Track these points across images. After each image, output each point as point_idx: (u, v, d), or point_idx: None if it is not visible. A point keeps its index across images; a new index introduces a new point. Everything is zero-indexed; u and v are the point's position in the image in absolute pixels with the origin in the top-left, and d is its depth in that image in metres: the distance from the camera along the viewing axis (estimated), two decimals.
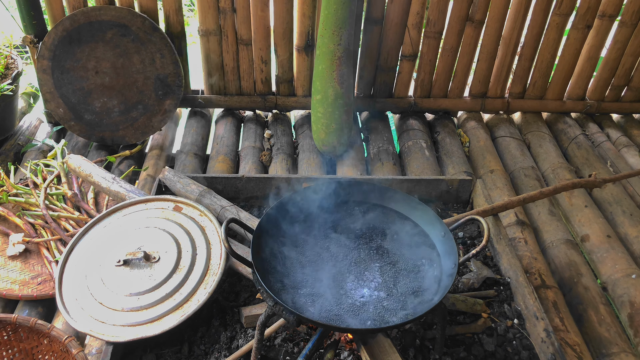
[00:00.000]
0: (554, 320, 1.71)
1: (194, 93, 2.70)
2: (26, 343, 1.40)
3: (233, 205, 1.73)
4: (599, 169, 2.46)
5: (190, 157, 2.45)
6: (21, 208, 1.96)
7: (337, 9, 2.12)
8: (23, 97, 2.74)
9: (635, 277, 1.88)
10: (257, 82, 2.65)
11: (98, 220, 1.67)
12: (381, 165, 2.44)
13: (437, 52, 2.61)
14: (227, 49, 2.53)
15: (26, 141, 2.48)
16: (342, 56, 2.21)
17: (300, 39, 2.50)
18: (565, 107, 2.85)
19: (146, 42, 2.34)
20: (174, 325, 1.39)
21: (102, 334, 1.38)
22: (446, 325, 1.37)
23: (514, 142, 2.64)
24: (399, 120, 2.81)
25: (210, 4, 2.40)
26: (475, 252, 1.31)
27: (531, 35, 2.59)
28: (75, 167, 2.00)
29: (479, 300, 1.53)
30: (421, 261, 1.38)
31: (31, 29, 2.42)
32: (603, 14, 2.55)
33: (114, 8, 2.29)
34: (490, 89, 2.77)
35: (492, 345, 1.46)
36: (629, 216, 2.18)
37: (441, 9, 2.46)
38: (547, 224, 2.12)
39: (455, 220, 1.68)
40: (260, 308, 1.50)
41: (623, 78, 2.77)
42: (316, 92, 2.32)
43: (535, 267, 1.89)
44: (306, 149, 2.53)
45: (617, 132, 2.77)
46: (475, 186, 1.91)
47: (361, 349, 1.26)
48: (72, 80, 2.34)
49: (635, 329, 1.73)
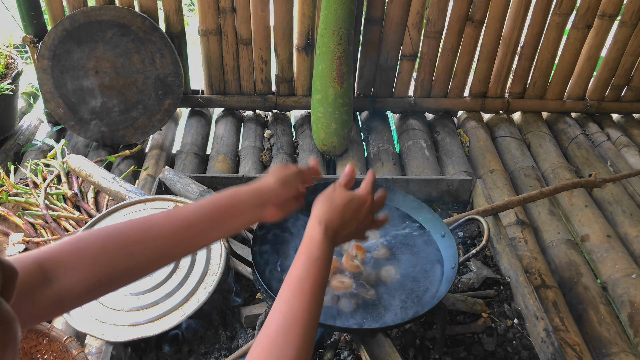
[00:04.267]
0: (554, 320, 1.71)
1: (194, 93, 2.70)
2: (25, 343, 1.40)
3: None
4: (599, 169, 2.46)
5: (190, 157, 2.45)
6: (21, 208, 1.96)
7: (337, 9, 2.12)
8: (23, 97, 2.74)
9: (635, 277, 1.88)
10: (257, 82, 2.65)
11: (98, 220, 1.66)
12: (381, 165, 2.44)
13: (437, 51, 2.60)
14: (227, 48, 2.53)
15: (26, 141, 2.48)
16: (342, 56, 2.20)
17: (300, 38, 2.50)
18: (565, 107, 2.85)
19: (146, 42, 2.34)
20: (174, 325, 1.39)
21: (102, 333, 1.38)
22: (446, 325, 1.37)
23: (514, 142, 2.63)
24: (399, 120, 2.81)
25: (210, 4, 2.40)
26: (475, 252, 1.31)
27: (531, 35, 2.59)
28: (75, 167, 2.00)
29: (479, 300, 1.53)
30: (421, 261, 1.38)
31: (31, 29, 2.42)
32: (603, 13, 2.55)
33: (114, 8, 2.29)
34: (490, 89, 2.77)
35: (492, 345, 1.46)
36: (629, 216, 2.18)
37: (441, 9, 2.46)
38: (547, 223, 2.12)
39: (455, 220, 1.68)
40: (260, 308, 1.50)
41: (623, 78, 2.77)
42: (316, 92, 2.32)
43: (535, 267, 1.89)
44: (306, 148, 2.53)
45: (617, 132, 2.77)
46: (475, 186, 1.91)
47: (361, 349, 1.26)
48: (72, 80, 2.34)
49: (635, 329, 1.73)
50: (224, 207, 0.97)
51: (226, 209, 0.97)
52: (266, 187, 1.01)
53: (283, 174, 1.04)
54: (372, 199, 1.04)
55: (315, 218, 0.97)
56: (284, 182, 1.03)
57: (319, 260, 0.90)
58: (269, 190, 1.01)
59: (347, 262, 1.31)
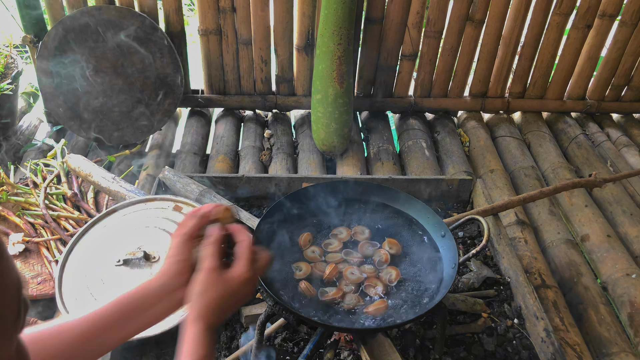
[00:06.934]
0: (554, 320, 1.70)
1: (194, 93, 2.70)
2: None
3: (233, 205, 1.72)
4: (599, 169, 2.46)
5: (190, 157, 2.45)
6: (21, 208, 1.96)
7: (337, 9, 2.12)
8: (23, 97, 2.74)
9: (635, 276, 1.88)
10: (257, 82, 2.65)
11: (98, 220, 1.66)
12: (381, 164, 2.44)
13: (437, 51, 2.60)
14: (227, 48, 2.52)
15: (26, 141, 2.48)
16: (342, 56, 2.20)
17: (300, 38, 2.50)
18: (565, 106, 2.85)
19: (146, 42, 2.34)
20: (174, 325, 1.39)
21: None
22: (446, 325, 1.37)
23: (514, 141, 2.63)
24: (399, 120, 2.81)
25: (210, 4, 2.40)
26: (475, 252, 1.31)
27: (531, 35, 2.59)
28: (75, 167, 2.00)
29: (479, 300, 1.53)
30: (421, 261, 1.38)
31: (31, 28, 2.42)
32: (603, 13, 2.55)
33: (114, 8, 2.29)
34: (490, 89, 2.77)
35: (492, 345, 1.46)
36: (629, 216, 2.18)
37: (441, 9, 2.46)
38: (547, 223, 2.12)
39: (455, 220, 1.68)
40: (260, 308, 1.50)
41: (623, 78, 2.77)
42: (316, 91, 2.32)
43: (535, 266, 1.89)
44: (306, 148, 2.53)
45: (617, 131, 2.77)
46: (475, 186, 1.91)
47: (361, 349, 1.26)
48: (72, 80, 2.34)
49: (635, 329, 1.73)
50: (136, 300, 0.94)
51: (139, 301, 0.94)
52: (167, 270, 0.96)
53: (169, 252, 0.98)
54: (250, 272, 0.95)
55: (192, 315, 0.91)
56: (175, 255, 0.96)
57: (206, 359, 0.88)
58: (168, 271, 0.96)
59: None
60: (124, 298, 0.94)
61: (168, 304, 0.96)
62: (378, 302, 1.24)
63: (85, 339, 0.90)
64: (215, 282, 0.93)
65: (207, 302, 0.92)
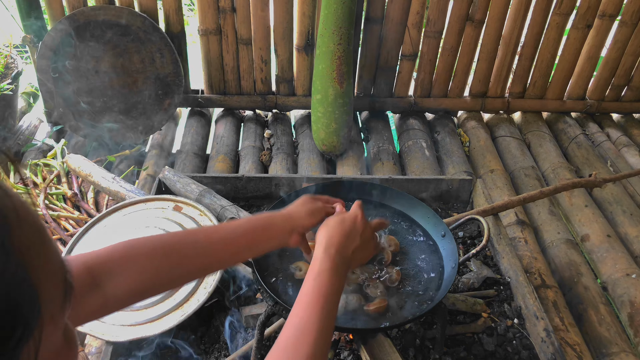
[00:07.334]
0: (554, 320, 1.71)
1: (194, 93, 2.70)
2: None
3: (233, 205, 1.72)
4: (599, 169, 2.46)
5: (190, 157, 2.45)
6: None
7: (337, 9, 2.12)
8: (23, 97, 2.74)
9: (635, 276, 1.88)
10: (257, 82, 2.65)
11: (98, 220, 1.66)
12: (381, 164, 2.44)
13: (437, 51, 2.60)
14: (227, 48, 2.52)
15: (26, 141, 2.48)
16: (342, 56, 2.20)
17: (300, 38, 2.50)
18: (565, 106, 2.85)
19: (146, 42, 2.34)
20: (174, 325, 1.39)
21: (102, 333, 1.38)
22: (446, 325, 1.37)
23: (514, 141, 2.63)
24: (399, 120, 2.81)
25: (210, 4, 2.40)
26: (475, 252, 1.31)
27: (531, 35, 2.59)
28: (75, 167, 2.00)
29: (479, 300, 1.53)
30: (421, 261, 1.38)
31: (31, 28, 2.42)
32: (603, 13, 2.55)
33: (114, 8, 2.29)
34: (490, 89, 2.77)
35: (492, 345, 1.46)
36: (629, 216, 2.18)
37: (441, 9, 2.46)
38: (547, 223, 2.12)
39: (455, 219, 1.68)
40: (260, 308, 1.50)
41: (623, 78, 2.77)
42: (316, 91, 2.32)
43: (535, 266, 1.89)
44: (306, 148, 2.53)
45: (617, 131, 2.77)
46: (476, 186, 1.91)
47: (361, 348, 1.26)
48: (72, 80, 2.34)
49: (635, 329, 1.73)
50: (260, 230, 1.04)
51: (261, 231, 1.04)
52: (297, 216, 1.09)
53: (312, 207, 1.13)
54: (362, 213, 1.11)
55: (317, 243, 1.02)
56: (312, 214, 1.11)
57: (321, 274, 0.94)
58: (299, 218, 1.09)
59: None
60: (251, 225, 1.04)
61: (279, 242, 1.07)
62: (378, 302, 1.24)
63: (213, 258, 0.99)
64: (333, 218, 1.08)
65: (326, 232, 1.03)
